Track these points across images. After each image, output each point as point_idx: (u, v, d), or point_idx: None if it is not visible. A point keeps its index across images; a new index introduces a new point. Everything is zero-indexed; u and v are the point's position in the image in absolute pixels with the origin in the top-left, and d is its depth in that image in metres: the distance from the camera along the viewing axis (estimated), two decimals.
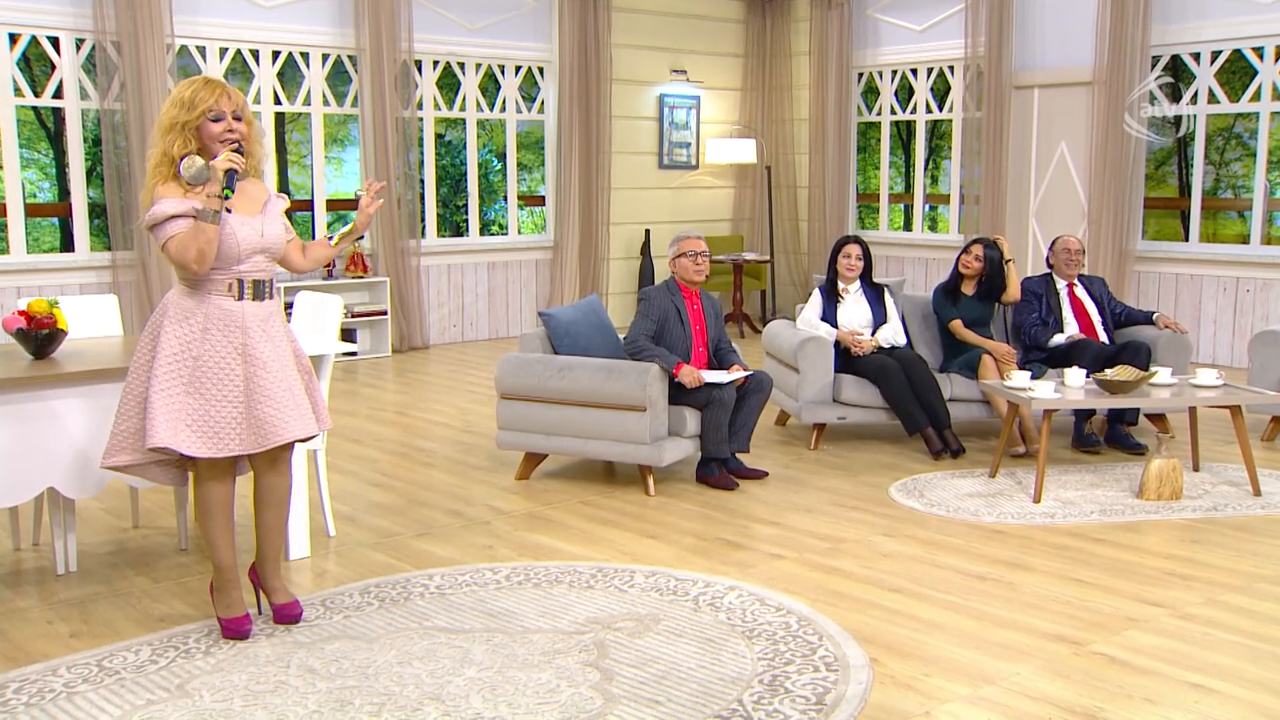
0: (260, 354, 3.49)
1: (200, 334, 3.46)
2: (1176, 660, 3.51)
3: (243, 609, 3.67)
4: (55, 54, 8.12)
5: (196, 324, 3.46)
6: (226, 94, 3.46)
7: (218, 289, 3.48)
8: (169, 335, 3.45)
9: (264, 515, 3.71)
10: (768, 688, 3.28)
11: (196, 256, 3.37)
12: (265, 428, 3.47)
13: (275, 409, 3.47)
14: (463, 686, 3.31)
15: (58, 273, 8.16)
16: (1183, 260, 9.09)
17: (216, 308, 3.47)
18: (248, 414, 3.47)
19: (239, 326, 3.49)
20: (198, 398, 3.44)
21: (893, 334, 6.38)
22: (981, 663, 3.49)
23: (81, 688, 3.33)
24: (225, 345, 3.47)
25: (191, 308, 3.47)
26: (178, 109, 3.43)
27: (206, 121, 3.44)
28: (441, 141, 11.00)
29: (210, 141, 3.45)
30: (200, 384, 3.44)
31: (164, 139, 3.44)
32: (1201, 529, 4.87)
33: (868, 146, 11.63)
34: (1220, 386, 5.53)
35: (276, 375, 3.50)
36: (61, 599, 4.05)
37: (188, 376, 3.44)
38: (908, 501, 5.27)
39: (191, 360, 3.44)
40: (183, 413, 3.43)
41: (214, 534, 3.61)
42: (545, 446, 5.56)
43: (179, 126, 3.43)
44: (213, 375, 3.45)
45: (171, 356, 3.44)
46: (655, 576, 4.24)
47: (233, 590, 3.67)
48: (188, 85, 3.46)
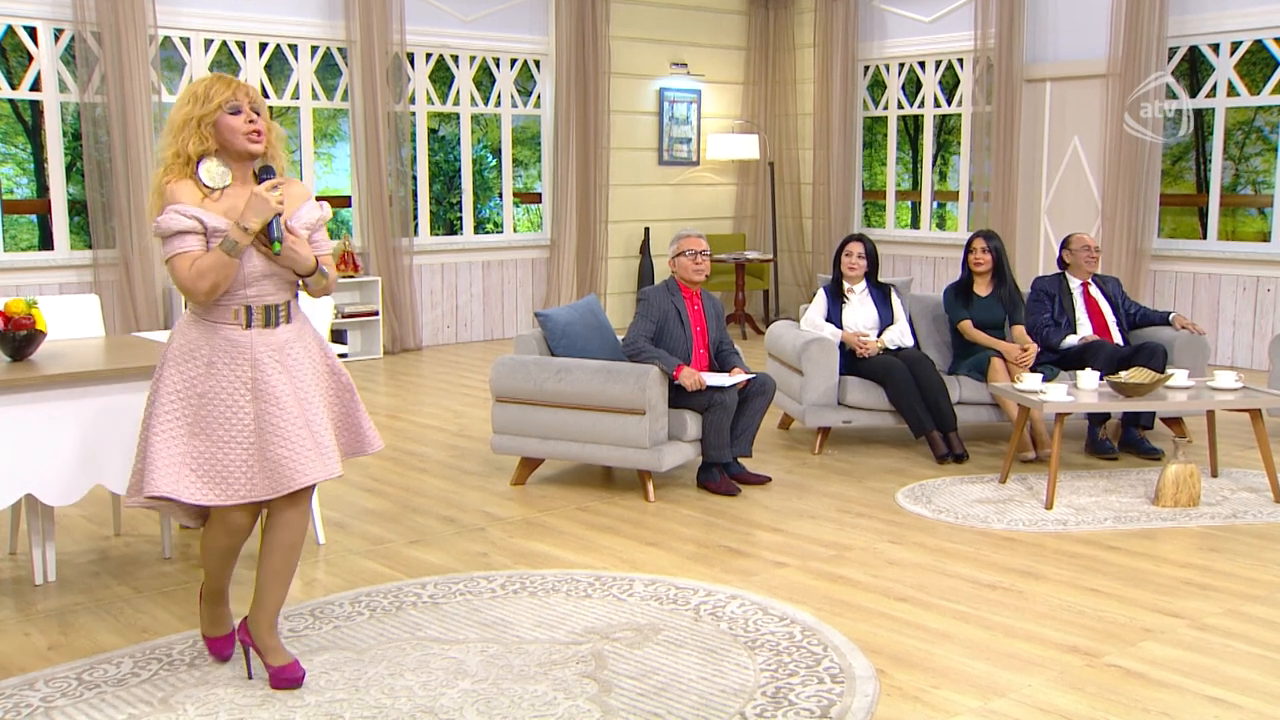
0: (272, 388, 3.24)
1: (205, 368, 3.23)
2: (1194, 673, 3.50)
3: (227, 628, 3.55)
4: (33, 44, 8.12)
5: (201, 358, 3.23)
6: (243, 88, 3.24)
7: (223, 317, 3.25)
8: (171, 370, 3.25)
9: (272, 559, 3.37)
10: (771, 700, 3.28)
11: (209, 289, 3.16)
12: (279, 471, 3.21)
13: (290, 449, 3.22)
14: (456, 699, 3.30)
15: (36, 271, 8.16)
16: (1200, 259, 9.09)
17: (222, 339, 3.24)
18: (259, 456, 3.22)
19: (247, 359, 3.24)
20: (203, 440, 3.21)
21: (899, 335, 6.39)
22: (992, 674, 3.49)
23: (60, 702, 3.32)
24: (232, 380, 3.23)
25: (196, 339, 3.25)
26: (191, 104, 3.21)
27: (224, 114, 3.20)
28: (435, 137, 11.01)
29: (230, 135, 3.21)
30: (206, 424, 3.22)
31: (177, 137, 3.22)
32: (1220, 537, 4.87)
33: (874, 142, 11.64)
34: (1239, 389, 5.53)
35: (291, 411, 3.25)
36: (40, 610, 4.05)
37: (191, 416, 3.22)
38: (915, 508, 5.27)
39: (196, 398, 3.22)
40: (186, 456, 3.20)
41: (211, 567, 3.46)
42: (542, 451, 5.56)
43: (194, 122, 3.20)
44: (219, 414, 3.22)
45: (173, 394, 3.23)
46: (655, 585, 4.24)
47: (220, 606, 3.54)
48: (200, 81, 3.26)
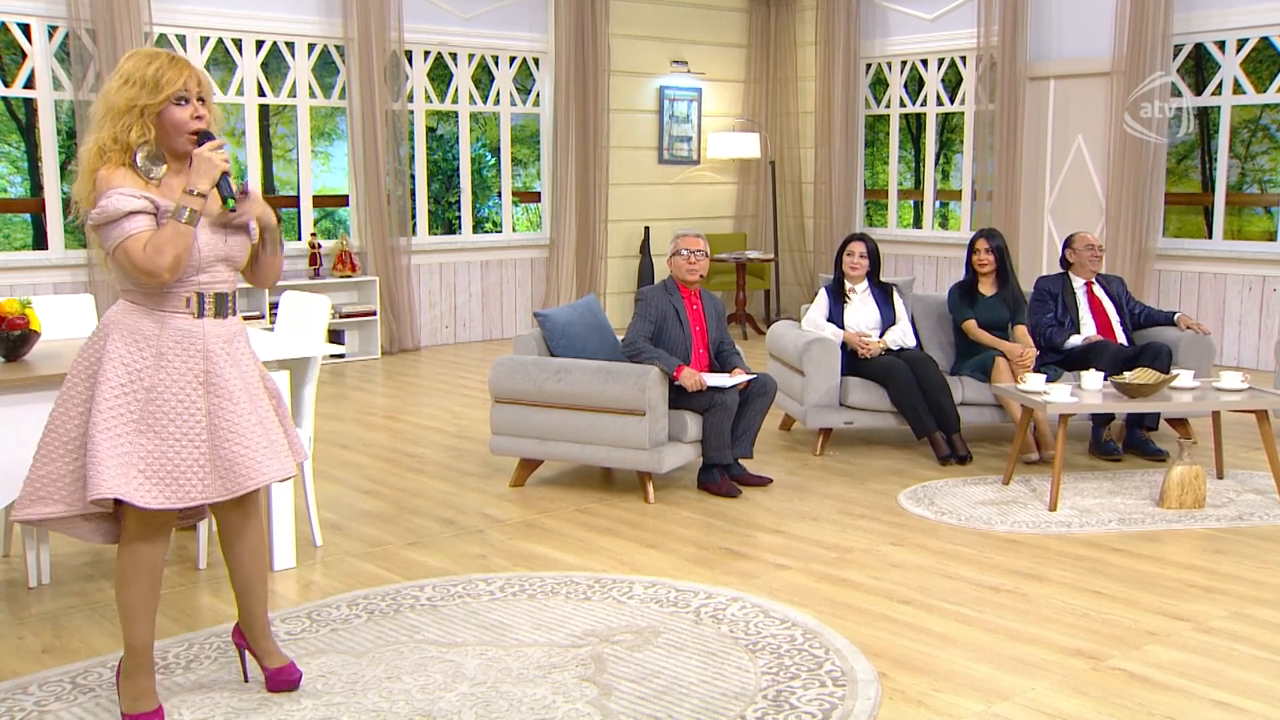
0: (225, 382, 3.06)
1: (153, 360, 3.01)
2: (1200, 676, 3.50)
3: (154, 703, 3.15)
4: (26, 41, 8.12)
5: (148, 348, 3.01)
6: (194, 74, 3.02)
7: (174, 304, 3.03)
8: (114, 362, 2.99)
9: (239, 567, 3.29)
10: (772, 703, 3.28)
11: (172, 263, 2.93)
12: (234, 470, 3.05)
13: (245, 447, 3.05)
14: (455, 702, 3.30)
15: (30, 271, 8.16)
16: (1206, 258, 9.09)
17: (173, 328, 3.03)
18: (212, 454, 3.04)
19: (199, 350, 3.05)
20: (151, 437, 2.98)
21: (901, 335, 6.39)
22: (995, 678, 3.49)
23: (54, 706, 3.32)
24: (184, 373, 3.02)
25: (143, 328, 3.02)
26: (137, 89, 2.96)
27: (170, 106, 2.99)
28: (433, 135, 11.01)
29: (173, 131, 3.01)
30: (154, 421, 2.99)
31: (116, 122, 2.98)
32: (1226, 539, 4.86)
33: (876, 140, 11.64)
34: (1245, 390, 5.53)
35: (244, 406, 3.08)
36: (33, 613, 4.05)
37: (138, 412, 2.99)
38: (918, 509, 5.26)
39: (143, 392, 2.99)
40: (133, 455, 2.96)
41: (133, 603, 3.08)
42: (541, 452, 5.56)
43: (138, 110, 2.97)
44: (169, 410, 3.00)
45: (118, 388, 2.97)
46: (655, 587, 4.24)
47: (144, 678, 3.14)
48: (147, 61, 2.99)
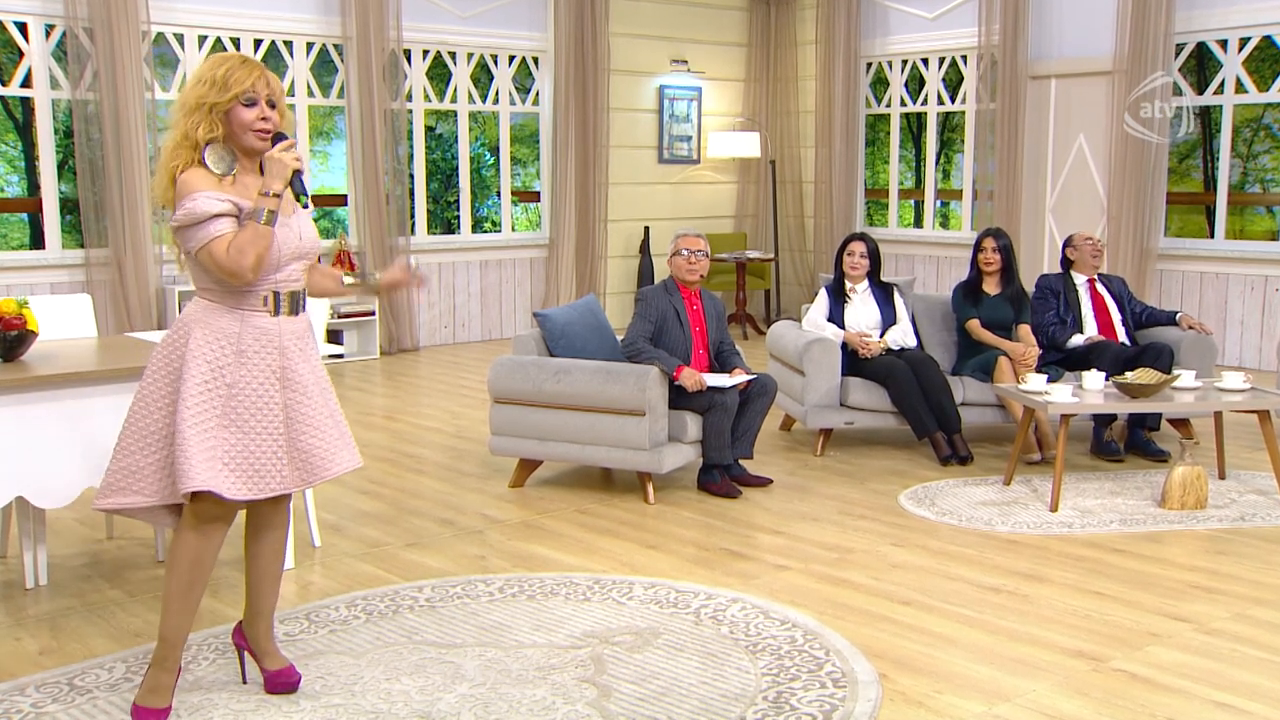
0: (300, 377, 3.19)
1: (234, 357, 3.11)
2: (1202, 678, 3.50)
3: (165, 701, 3.22)
4: (23, 40, 8.12)
5: (229, 346, 3.11)
6: (264, 77, 3.13)
7: (252, 303, 3.13)
8: (197, 359, 3.09)
9: (259, 562, 3.35)
10: (772, 705, 3.28)
11: (254, 263, 3.03)
12: (311, 461, 3.19)
13: (320, 439, 3.21)
14: (454, 704, 3.30)
15: (28, 271, 8.16)
16: (1208, 258, 9.09)
17: (252, 326, 3.13)
18: (290, 447, 3.17)
19: (276, 347, 3.16)
20: (235, 431, 3.10)
21: (902, 335, 6.39)
22: (996, 679, 3.49)
23: (51, 708, 3.32)
24: (263, 369, 3.14)
25: (223, 326, 3.12)
26: (207, 87, 3.07)
27: (239, 106, 3.09)
28: (432, 134, 11.01)
29: (239, 130, 3.10)
30: (237, 416, 3.11)
31: (187, 119, 3.09)
32: (1228, 540, 4.87)
33: (876, 140, 11.64)
34: (1247, 390, 5.53)
35: (317, 400, 3.22)
36: (30, 614, 4.05)
37: (221, 407, 3.10)
38: (918, 510, 5.27)
39: (225, 388, 3.10)
40: (218, 449, 3.08)
41: (170, 593, 3.17)
42: (540, 453, 5.56)
43: (206, 108, 3.07)
44: (250, 405, 3.12)
45: (202, 385, 3.08)
46: (655, 588, 4.24)
47: (165, 674, 3.22)
48: (220, 62, 3.12)
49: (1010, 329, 6.43)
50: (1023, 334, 6.39)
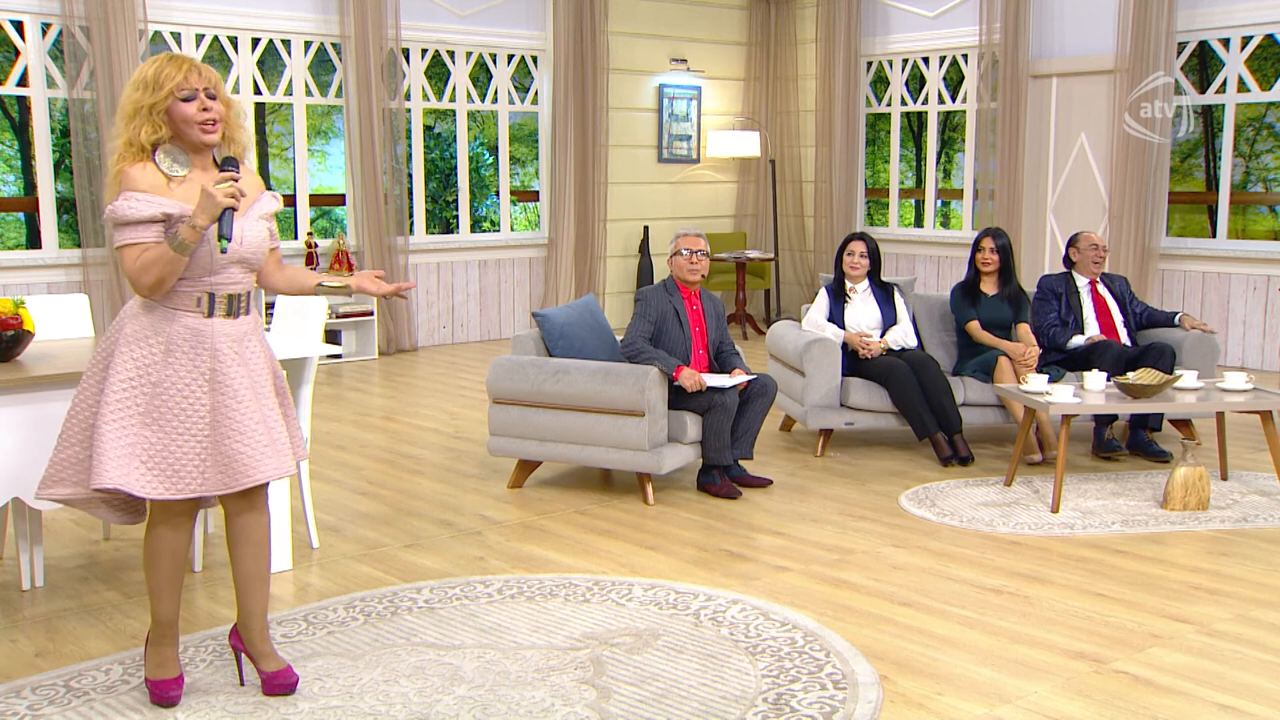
0: (231, 380, 3.18)
1: (162, 356, 3.15)
2: (1204, 679, 3.51)
3: (176, 670, 3.36)
4: (19, 39, 8.12)
5: (157, 344, 3.15)
6: (195, 69, 3.13)
7: (184, 304, 3.16)
8: (124, 356, 3.14)
9: (242, 562, 3.37)
10: (772, 707, 3.28)
11: (153, 284, 3.08)
12: (234, 466, 3.16)
13: (246, 444, 3.17)
14: (452, 706, 3.30)
15: (24, 270, 8.15)
16: (1209, 258, 9.09)
17: (182, 326, 3.16)
18: (213, 450, 3.17)
19: (207, 348, 3.17)
20: (155, 430, 3.13)
21: (902, 335, 6.39)
22: (997, 681, 3.49)
23: (47, 710, 3.32)
24: (190, 369, 3.16)
25: (152, 325, 3.16)
26: (140, 91, 3.11)
27: (176, 102, 3.11)
28: (430, 134, 11.02)
29: (184, 126, 3.13)
30: (159, 414, 3.14)
31: (128, 125, 3.12)
32: (1230, 541, 4.87)
33: (877, 139, 11.64)
34: (1249, 390, 5.53)
35: (248, 405, 3.20)
36: (27, 616, 4.04)
37: (144, 405, 3.13)
38: (919, 511, 5.27)
39: (149, 386, 3.14)
40: (136, 447, 3.12)
41: (157, 583, 3.28)
42: (539, 453, 5.56)
43: (144, 110, 3.10)
44: (174, 404, 3.14)
45: (126, 381, 3.13)
46: (654, 589, 4.24)
47: (168, 647, 3.35)
48: (150, 63, 3.14)
49: (1009, 329, 6.43)
50: (1022, 333, 6.39)
